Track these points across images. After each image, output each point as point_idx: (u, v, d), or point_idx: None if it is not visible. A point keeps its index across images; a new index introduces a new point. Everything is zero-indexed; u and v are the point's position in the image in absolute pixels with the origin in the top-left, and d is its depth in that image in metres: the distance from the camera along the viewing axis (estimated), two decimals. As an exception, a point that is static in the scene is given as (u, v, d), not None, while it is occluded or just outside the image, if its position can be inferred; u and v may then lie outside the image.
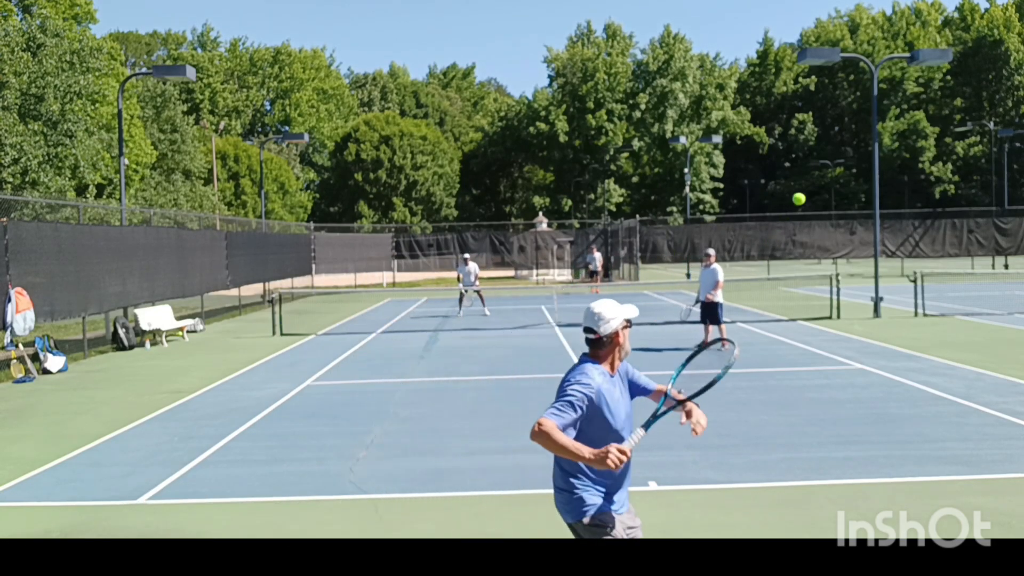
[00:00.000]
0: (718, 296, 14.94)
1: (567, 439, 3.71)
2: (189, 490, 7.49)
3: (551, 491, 4.07)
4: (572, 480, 3.88)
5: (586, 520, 3.82)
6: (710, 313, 15.10)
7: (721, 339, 5.90)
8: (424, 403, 11.24)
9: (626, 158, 75.92)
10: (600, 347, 4.05)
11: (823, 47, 58.90)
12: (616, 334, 4.01)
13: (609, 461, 3.53)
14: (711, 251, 15.59)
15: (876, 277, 21.50)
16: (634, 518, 4.00)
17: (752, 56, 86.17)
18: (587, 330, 4.04)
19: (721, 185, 75.91)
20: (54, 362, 14.68)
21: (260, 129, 78.26)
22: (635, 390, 4.25)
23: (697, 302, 15.69)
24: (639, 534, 3.99)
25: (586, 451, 3.62)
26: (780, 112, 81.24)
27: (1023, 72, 75.26)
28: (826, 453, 8.14)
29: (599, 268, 37.08)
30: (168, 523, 6.69)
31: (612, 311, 3.98)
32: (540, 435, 3.72)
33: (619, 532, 3.84)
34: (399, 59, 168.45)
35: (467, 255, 26.45)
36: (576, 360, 4.18)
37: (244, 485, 7.62)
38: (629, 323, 4.07)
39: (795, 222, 57.17)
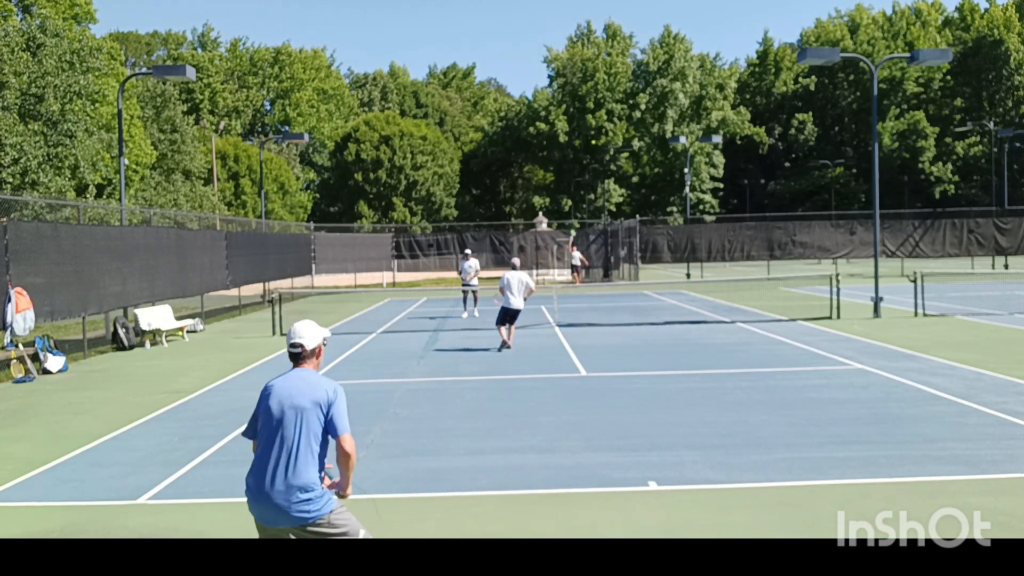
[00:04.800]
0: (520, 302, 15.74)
1: None
2: (189, 490, 7.49)
3: (551, 491, 4.08)
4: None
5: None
6: (511, 316, 15.81)
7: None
8: (424, 403, 11.24)
9: (626, 158, 75.92)
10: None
11: (823, 47, 58.90)
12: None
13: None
14: (516, 260, 16.75)
15: (876, 277, 21.50)
16: None
17: (752, 56, 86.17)
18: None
19: (721, 185, 75.91)
20: (54, 362, 14.68)
21: (260, 129, 78.26)
22: None
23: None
24: None
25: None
26: (780, 112, 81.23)
27: (1023, 72, 75.26)
28: (826, 453, 8.14)
29: (579, 265, 38.64)
30: (168, 523, 6.69)
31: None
32: (355, 452, 4.46)
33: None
34: (399, 59, 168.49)
35: (468, 250, 26.28)
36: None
37: (243, 485, 7.61)
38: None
39: (795, 222, 57.19)
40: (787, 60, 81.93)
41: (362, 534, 4.36)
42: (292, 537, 4.32)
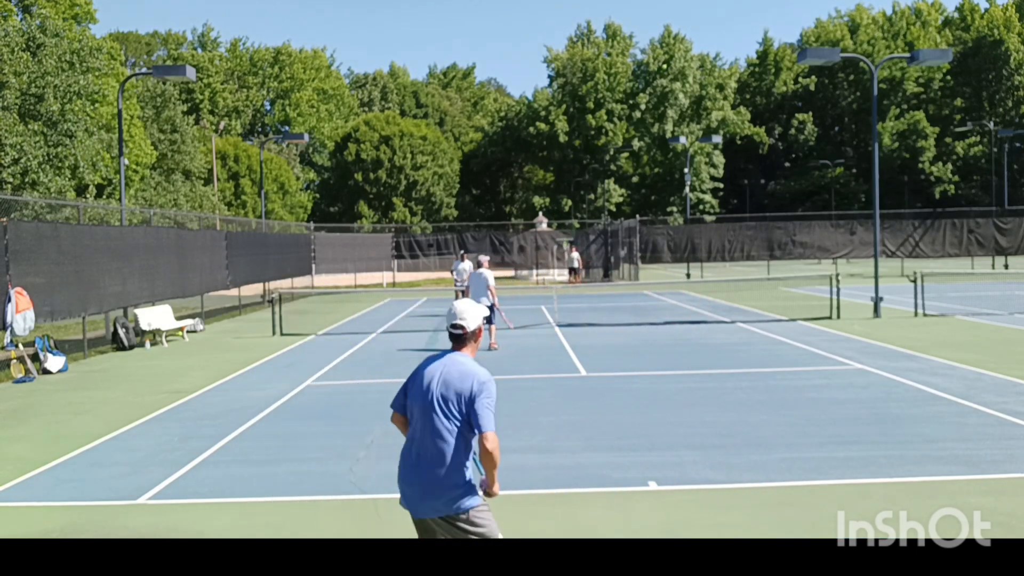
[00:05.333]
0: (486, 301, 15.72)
1: None
2: (189, 490, 7.49)
3: (551, 491, 4.10)
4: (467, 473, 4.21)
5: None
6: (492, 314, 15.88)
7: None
8: (424, 403, 11.21)
9: (626, 158, 75.92)
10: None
11: (823, 47, 58.88)
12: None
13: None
14: (484, 258, 16.88)
15: (876, 277, 21.50)
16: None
17: (752, 56, 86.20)
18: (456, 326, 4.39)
19: (721, 185, 75.92)
20: (54, 362, 14.68)
21: (260, 129, 78.27)
22: None
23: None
24: None
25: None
26: (780, 112, 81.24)
27: (1023, 72, 75.26)
28: (826, 453, 8.14)
29: (578, 266, 39.02)
30: (168, 523, 6.68)
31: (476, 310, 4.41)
32: (498, 449, 4.14)
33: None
34: (399, 59, 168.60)
35: (463, 251, 26.67)
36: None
37: (243, 485, 7.62)
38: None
39: (795, 222, 57.20)
40: (787, 60, 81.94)
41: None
42: (435, 528, 4.14)
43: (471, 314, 4.33)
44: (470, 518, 4.08)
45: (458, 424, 4.11)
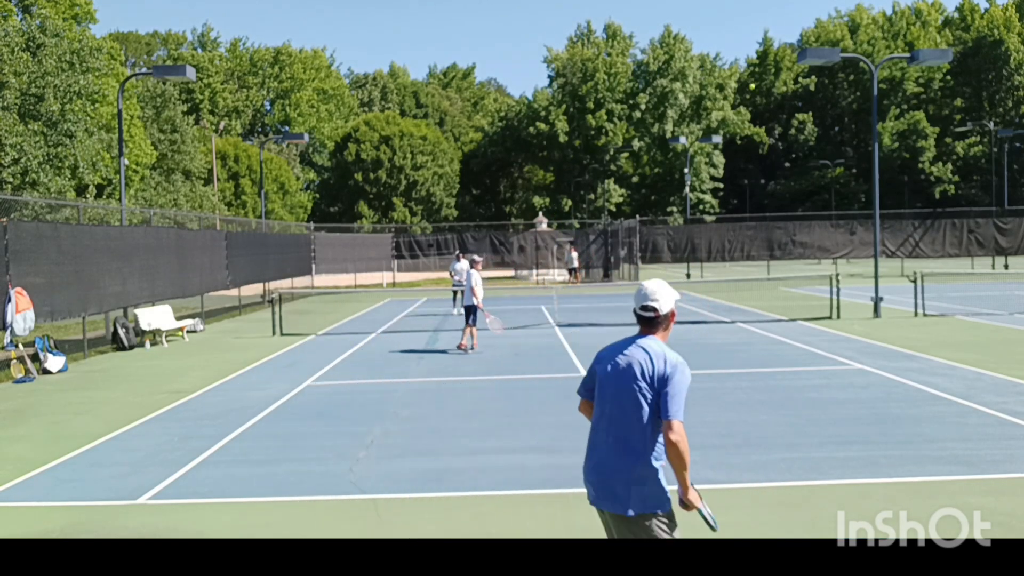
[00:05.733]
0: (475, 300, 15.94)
1: None
2: (189, 490, 7.49)
3: (551, 491, 4.09)
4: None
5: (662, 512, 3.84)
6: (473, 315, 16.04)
7: None
8: (424, 403, 11.24)
9: (626, 158, 75.92)
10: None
11: (823, 47, 58.87)
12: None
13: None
14: (476, 258, 17.08)
15: (876, 277, 21.50)
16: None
17: (752, 56, 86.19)
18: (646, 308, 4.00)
19: (721, 185, 75.91)
20: (54, 362, 14.68)
21: (260, 129, 78.27)
22: None
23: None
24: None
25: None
26: (780, 112, 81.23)
27: (1023, 72, 75.26)
28: (826, 453, 8.14)
29: (576, 266, 39.31)
30: (168, 523, 6.68)
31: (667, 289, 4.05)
32: (684, 441, 3.77)
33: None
34: (399, 59, 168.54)
35: (459, 252, 27.19)
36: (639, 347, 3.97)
37: (244, 485, 7.62)
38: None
39: (795, 222, 57.21)
40: (787, 60, 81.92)
41: None
42: (615, 524, 3.83)
43: (664, 295, 3.95)
44: (649, 524, 3.72)
45: (649, 413, 3.79)
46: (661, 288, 3.96)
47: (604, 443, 3.87)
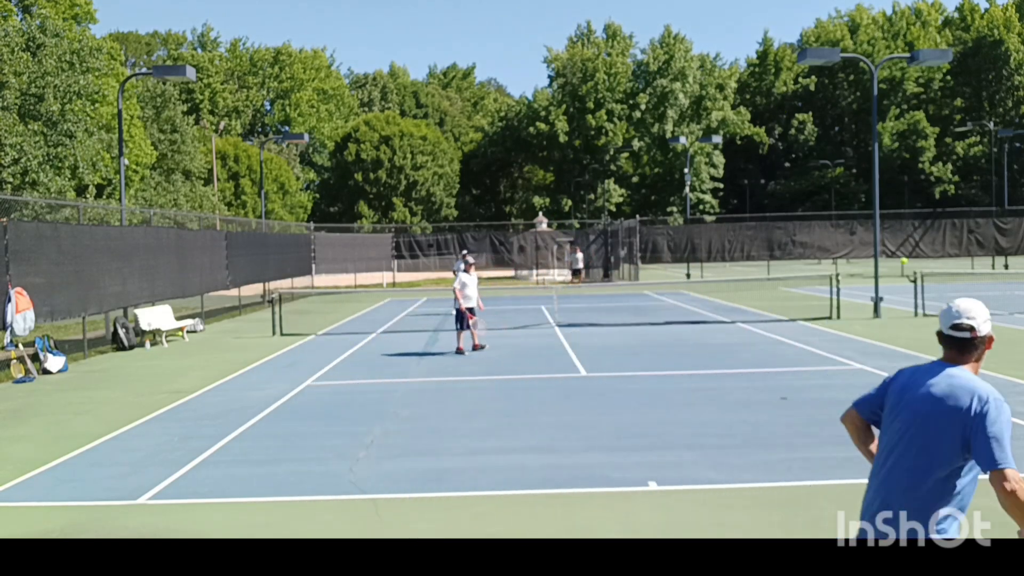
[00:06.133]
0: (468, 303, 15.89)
1: None
2: (189, 490, 7.49)
3: (551, 491, 4.08)
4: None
5: None
6: (460, 318, 15.94)
7: None
8: (424, 403, 11.24)
9: (626, 158, 75.92)
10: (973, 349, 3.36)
11: (823, 47, 58.91)
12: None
13: None
14: (469, 259, 17.01)
15: (876, 277, 21.50)
16: None
17: (752, 56, 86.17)
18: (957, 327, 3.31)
19: (721, 185, 75.90)
20: (54, 362, 14.68)
21: (260, 129, 78.26)
22: None
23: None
24: None
25: None
26: (780, 112, 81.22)
27: (1023, 72, 75.26)
28: (826, 453, 8.13)
29: (581, 267, 39.14)
30: (168, 523, 6.68)
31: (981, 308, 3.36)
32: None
33: None
34: (399, 59, 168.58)
35: (465, 251, 26.86)
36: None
37: (244, 485, 7.62)
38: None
39: (795, 222, 57.22)
40: (787, 60, 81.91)
41: None
42: None
43: (981, 314, 3.33)
44: None
45: (948, 459, 3.24)
46: (977, 306, 3.33)
47: (886, 484, 3.51)
